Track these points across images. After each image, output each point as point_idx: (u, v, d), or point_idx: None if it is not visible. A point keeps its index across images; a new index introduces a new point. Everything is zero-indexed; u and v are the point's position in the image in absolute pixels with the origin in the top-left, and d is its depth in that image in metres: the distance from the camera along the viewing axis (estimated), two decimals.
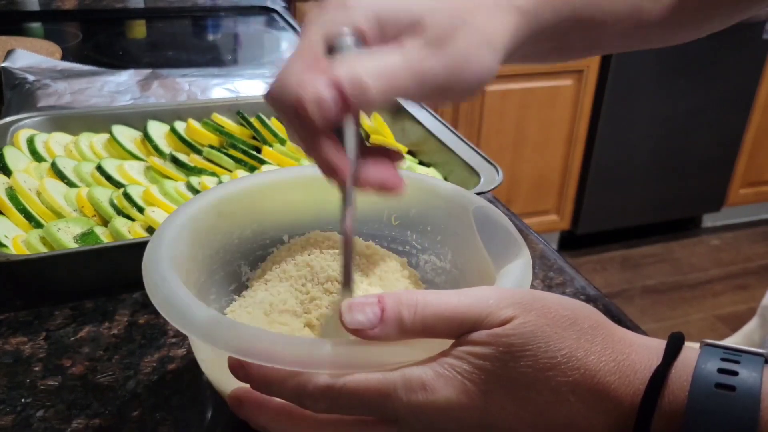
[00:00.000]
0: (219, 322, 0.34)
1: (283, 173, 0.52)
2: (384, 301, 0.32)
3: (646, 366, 0.31)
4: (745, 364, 0.30)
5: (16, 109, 0.84)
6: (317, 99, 0.32)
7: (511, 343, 0.30)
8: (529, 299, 0.32)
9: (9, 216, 0.61)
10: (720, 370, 0.30)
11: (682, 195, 2.47)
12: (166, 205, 0.64)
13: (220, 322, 0.34)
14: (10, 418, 0.43)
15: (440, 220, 0.50)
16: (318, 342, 0.33)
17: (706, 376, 0.30)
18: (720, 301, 2.25)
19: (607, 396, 0.31)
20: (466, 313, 0.31)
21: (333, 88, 0.33)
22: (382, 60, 0.35)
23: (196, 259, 0.45)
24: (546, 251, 0.66)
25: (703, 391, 0.29)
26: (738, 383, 0.29)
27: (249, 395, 0.34)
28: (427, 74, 0.36)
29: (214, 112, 0.82)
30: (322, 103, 0.32)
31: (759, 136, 2.44)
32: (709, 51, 2.18)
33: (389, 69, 0.34)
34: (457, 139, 0.76)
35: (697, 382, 0.30)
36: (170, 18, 1.46)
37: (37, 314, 0.54)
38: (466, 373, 0.31)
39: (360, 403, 0.31)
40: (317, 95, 0.32)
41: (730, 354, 0.31)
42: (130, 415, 0.44)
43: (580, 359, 0.31)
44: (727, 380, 0.29)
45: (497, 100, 2.06)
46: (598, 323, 0.32)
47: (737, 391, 0.29)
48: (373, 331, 0.31)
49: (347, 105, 0.33)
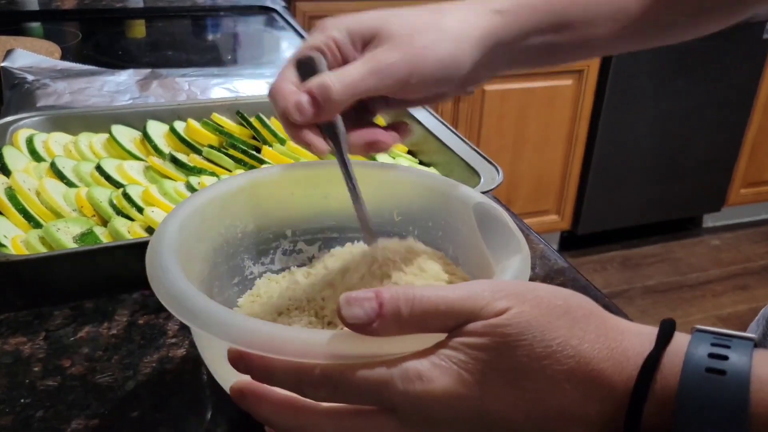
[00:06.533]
0: (219, 313, 0.34)
1: (287, 168, 0.52)
2: (382, 295, 0.32)
3: (639, 352, 0.31)
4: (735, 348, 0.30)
5: (16, 108, 0.84)
6: (296, 105, 0.43)
7: (506, 333, 0.31)
8: (523, 290, 0.33)
9: (8, 216, 0.61)
10: (710, 355, 0.30)
11: (683, 195, 2.47)
12: (166, 205, 0.64)
13: (220, 313, 0.34)
14: (9, 419, 0.43)
15: (442, 216, 0.50)
16: (317, 333, 0.33)
17: (696, 360, 0.30)
18: (720, 302, 2.25)
19: (601, 383, 0.31)
20: (461, 305, 0.32)
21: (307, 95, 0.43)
22: (345, 69, 0.44)
23: (199, 253, 0.46)
24: (546, 251, 0.66)
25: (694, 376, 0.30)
26: (728, 367, 0.30)
27: (251, 387, 0.35)
28: (386, 68, 0.44)
29: (214, 112, 0.81)
30: (300, 108, 0.43)
31: (759, 136, 2.45)
32: (709, 51, 2.18)
33: (348, 73, 0.44)
34: (457, 139, 0.76)
35: (688, 367, 0.30)
36: (170, 18, 1.46)
37: (36, 314, 0.54)
38: (462, 364, 0.31)
39: (358, 392, 0.32)
40: (296, 103, 0.43)
41: (720, 339, 0.31)
42: (130, 415, 0.44)
43: (574, 347, 0.31)
44: (717, 364, 0.30)
45: (497, 100, 2.06)
46: (590, 311, 0.33)
47: (727, 374, 0.29)
48: (371, 326, 0.32)
49: (317, 104, 0.43)
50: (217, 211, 0.48)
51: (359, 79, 0.43)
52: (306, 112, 0.43)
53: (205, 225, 0.47)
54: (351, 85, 0.43)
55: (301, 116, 0.43)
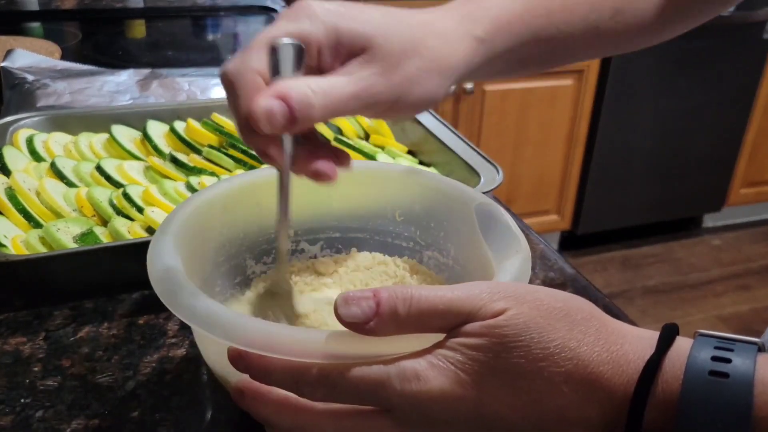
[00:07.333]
0: (218, 312, 0.34)
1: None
2: (379, 294, 0.32)
3: (640, 356, 0.31)
4: (738, 351, 0.30)
5: (16, 108, 0.84)
6: (267, 114, 0.36)
7: (503, 334, 0.31)
8: (522, 292, 0.32)
9: (8, 216, 0.61)
10: (714, 358, 0.30)
11: (683, 195, 2.47)
12: (166, 205, 0.64)
13: (219, 312, 0.34)
14: (9, 419, 0.43)
15: (443, 217, 0.50)
16: (315, 332, 0.33)
17: (699, 363, 0.30)
18: (721, 302, 2.25)
19: (600, 386, 0.31)
20: (459, 306, 0.32)
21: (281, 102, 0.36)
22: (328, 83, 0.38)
23: (201, 252, 0.46)
24: (546, 251, 0.65)
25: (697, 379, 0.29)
26: (731, 370, 0.29)
27: (250, 386, 0.35)
28: (372, 97, 0.40)
29: (214, 112, 0.81)
30: (271, 118, 0.36)
31: (759, 136, 2.44)
32: (709, 51, 2.18)
33: (335, 92, 0.38)
34: (457, 139, 0.76)
35: (691, 370, 0.30)
36: (170, 18, 1.46)
37: (36, 314, 0.54)
38: (459, 364, 0.31)
39: (356, 392, 0.32)
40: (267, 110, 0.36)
41: (723, 342, 0.31)
42: (130, 415, 0.44)
43: (572, 350, 0.31)
44: (720, 367, 0.30)
45: (497, 100, 2.06)
46: (591, 314, 0.33)
47: (731, 377, 0.29)
48: (369, 325, 0.32)
49: (293, 119, 0.37)
50: (219, 210, 0.48)
51: (343, 99, 0.39)
52: (276, 124, 0.37)
53: (207, 224, 0.47)
54: (333, 104, 0.38)
55: (269, 127, 0.37)
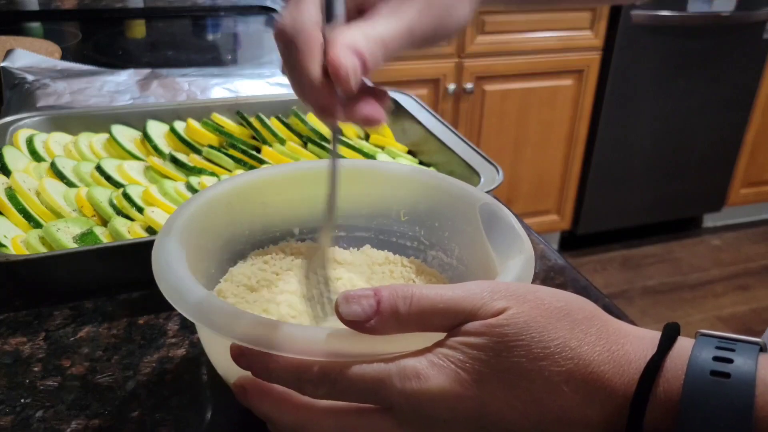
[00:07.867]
0: (221, 308, 0.34)
1: (293, 167, 0.53)
2: (380, 293, 0.32)
3: (641, 356, 0.31)
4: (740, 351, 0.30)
5: (16, 108, 0.84)
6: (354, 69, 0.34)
7: (504, 333, 0.31)
8: (523, 291, 0.32)
9: (8, 216, 0.61)
10: (715, 358, 0.30)
11: (683, 195, 2.46)
12: (166, 205, 0.64)
13: (222, 309, 0.34)
14: (9, 419, 0.43)
15: (448, 217, 0.50)
16: (316, 330, 0.33)
17: (701, 363, 0.30)
18: (721, 302, 2.25)
19: (601, 386, 0.31)
20: (460, 304, 0.32)
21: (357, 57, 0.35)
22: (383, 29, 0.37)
23: (205, 250, 0.46)
24: (546, 251, 0.65)
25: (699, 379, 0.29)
26: (733, 370, 0.29)
27: (252, 383, 0.35)
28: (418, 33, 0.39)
29: (214, 112, 0.81)
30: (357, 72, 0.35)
31: (759, 136, 2.44)
32: (709, 51, 2.18)
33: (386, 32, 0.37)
34: (457, 139, 0.76)
35: (692, 370, 0.30)
36: (170, 18, 1.46)
37: (36, 314, 0.54)
38: (459, 363, 0.31)
39: (356, 389, 0.32)
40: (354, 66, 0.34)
41: (725, 342, 0.31)
42: (130, 415, 0.44)
43: (573, 349, 0.31)
44: (722, 367, 0.29)
45: (497, 100, 2.06)
46: (592, 314, 0.33)
47: (732, 377, 0.29)
48: (369, 324, 0.32)
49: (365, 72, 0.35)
50: (224, 208, 0.48)
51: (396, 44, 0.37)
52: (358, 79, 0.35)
53: (212, 222, 0.47)
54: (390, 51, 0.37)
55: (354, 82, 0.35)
